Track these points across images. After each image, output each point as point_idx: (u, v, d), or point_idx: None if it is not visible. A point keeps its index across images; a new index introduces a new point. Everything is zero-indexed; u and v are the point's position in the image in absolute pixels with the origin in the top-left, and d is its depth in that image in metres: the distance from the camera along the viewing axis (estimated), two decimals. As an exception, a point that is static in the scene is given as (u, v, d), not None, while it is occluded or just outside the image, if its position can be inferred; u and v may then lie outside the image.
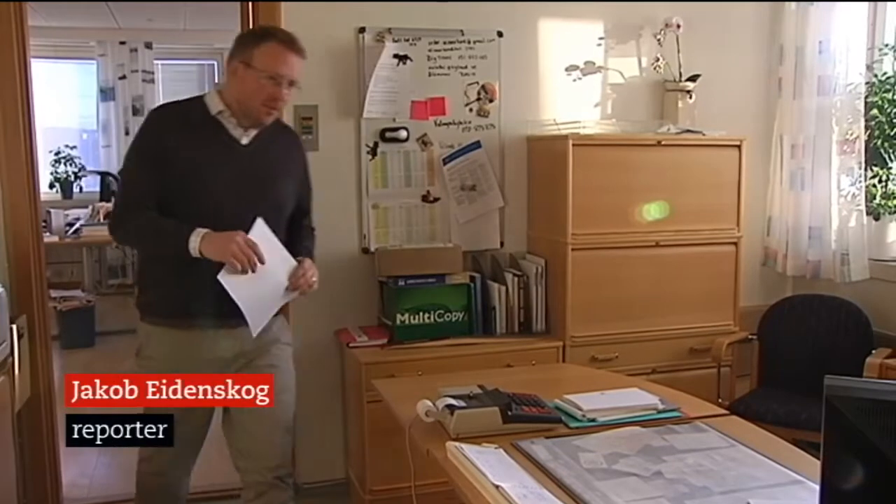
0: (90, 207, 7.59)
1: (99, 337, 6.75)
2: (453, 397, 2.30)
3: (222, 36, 8.25)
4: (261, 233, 2.50)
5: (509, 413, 2.25)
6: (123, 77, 9.09)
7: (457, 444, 2.10)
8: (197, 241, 2.43)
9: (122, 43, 9.04)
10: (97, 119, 9.22)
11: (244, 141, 2.62)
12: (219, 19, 6.47)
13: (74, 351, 6.39)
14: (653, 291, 3.94)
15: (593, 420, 2.32)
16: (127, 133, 9.09)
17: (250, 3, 3.82)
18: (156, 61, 9.25)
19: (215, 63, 9.71)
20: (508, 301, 3.89)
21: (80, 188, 9.08)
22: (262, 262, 2.45)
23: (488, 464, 1.98)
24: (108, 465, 4.37)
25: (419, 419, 2.28)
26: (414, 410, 2.29)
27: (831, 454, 0.90)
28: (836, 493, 0.93)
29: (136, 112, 9.11)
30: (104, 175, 8.79)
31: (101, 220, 7.45)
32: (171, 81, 9.63)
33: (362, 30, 3.81)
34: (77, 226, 7.06)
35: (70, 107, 9.39)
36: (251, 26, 3.84)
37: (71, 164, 8.98)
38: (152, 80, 9.20)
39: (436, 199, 4.02)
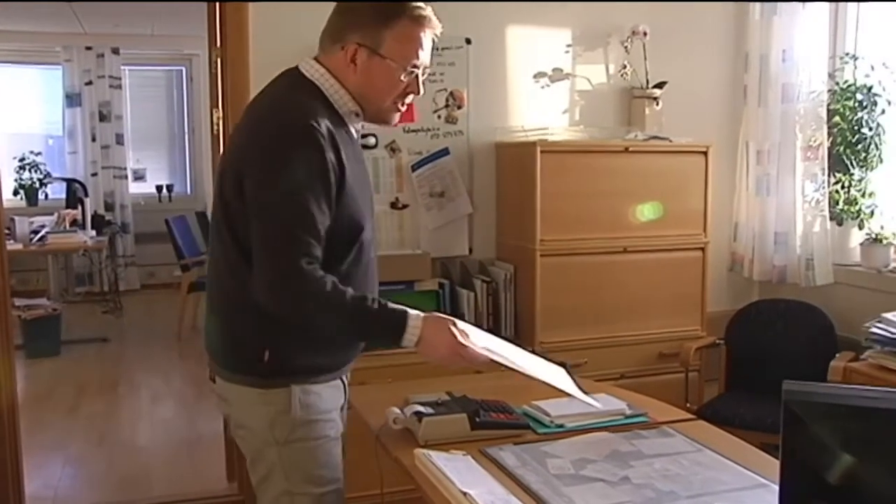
0: (56, 214, 7.50)
1: (65, 346, 6.66)
2: (421, 404, 2.29)
3: (191, 42, 8.23)
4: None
5: (477, 419, 2.25)
6: (90, 83, 9.00)
7: (425, 451, 2.10)
8: (413, 339, 1.95)
9: (89, 48, 8.94)
10: (63, 125, 9.12)
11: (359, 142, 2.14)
12: (187, 24, 6.44)
13: (39, 361, 6.31)
14: (621, 297, 3.97)
15: (561, 426, 2.32)
16: (94, 139, 9.01)
17: (217, 6, 3.80)
18: (123, 67, 9.17)
19: (184, 69, 9.66)
20: (477, 308, 3.90)
21: (46, 195, 8.99)
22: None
23: (456, 471, 1.98)
24: (73, 477, 4.32)
25: (388, 426, 2.27)
26: (383, 418, 2.28)
27: (790, 458, 0.91)
28: (795, 496, 0.94)
29: (102, 118, 9.03)
30: (70, 182, 8.71)
31: (67, 228, 7.38)
32: (139, 87, 9.58)
33: (331, 36, 3.80)
34: (42, 233, 6.97)
35: (35, 112, 9.30)
36: (218, 29, 3.81)
37: (36, 171, 8.89)
38: (119, 86, 9.12)
39: (404, 206, 4.02)
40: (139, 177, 9.62)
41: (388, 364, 3.56)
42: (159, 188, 9.58)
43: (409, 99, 2.06)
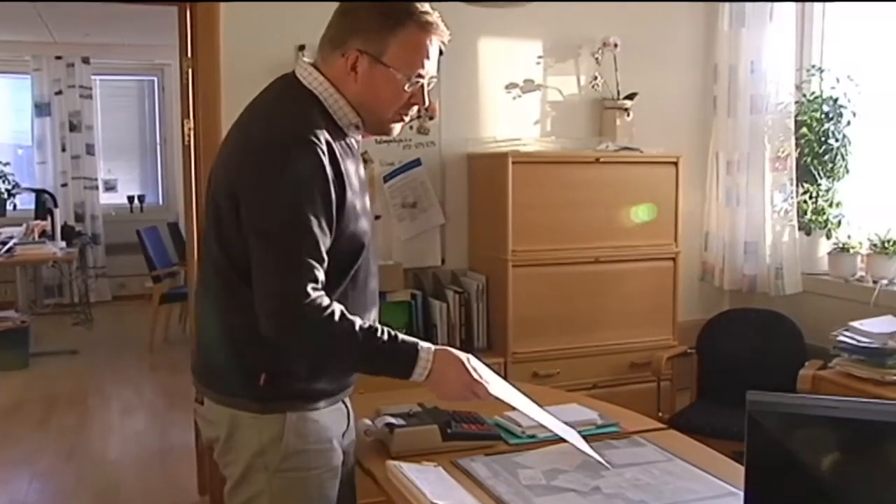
0: (24, 225, 7.42)
1: (34, 358, 6.58)
2: (393, 415, 2.29)
3: (163, 51, 8.17)
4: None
5: (449, 431, 2.24)
6: (60, 92, 8.92)
7: (396, 462, 2.09)
8: (423, 373, 1.85)
9: (59, 58, 8.86)
10: (32, 135, 9.03)
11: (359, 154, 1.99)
12: (159, 33, 6.39)
13: (7, 374, 6.22)
14: (593, 307, 3.98)
15: (533, 436, 2.32)
16: (64, 149, 8.93)
17: (188, 16, 3.78)
18: (93, 76, 9.11)
19: (156, 79, 9.61)
20: (450, 318, 3.90)
21: (14, 206, 8.88)
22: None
23: (427, 482, 1.97)
24: (40, 492, 4.27)
25: (360, 438, 2.26)
26: (356, 430, 2.27)
27: (754, 468, 0.92)
28: (759, 506, 0.94)
29: (73, 128, 8.95)
30: (39, 192, 8.62)
31: (36, 239, 7.29)
32: (111, 97, 9.52)
33: (302, 48, 3.80)
34: (10, 244, 6.88)
35: (3, 122, 9.21)
36: (189, 39, 3.79)
37: (4, 181, 8.78)
38: (90, 96, 9.06)
39: (377, 217, 4.00)
40: (110, 187, 9.55)
41: (359, 375, 3.56)
42: (131, 199, 9.50)
43: (413, 111, 1.92)
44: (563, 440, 2.12)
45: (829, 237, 4.17)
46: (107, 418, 5.55)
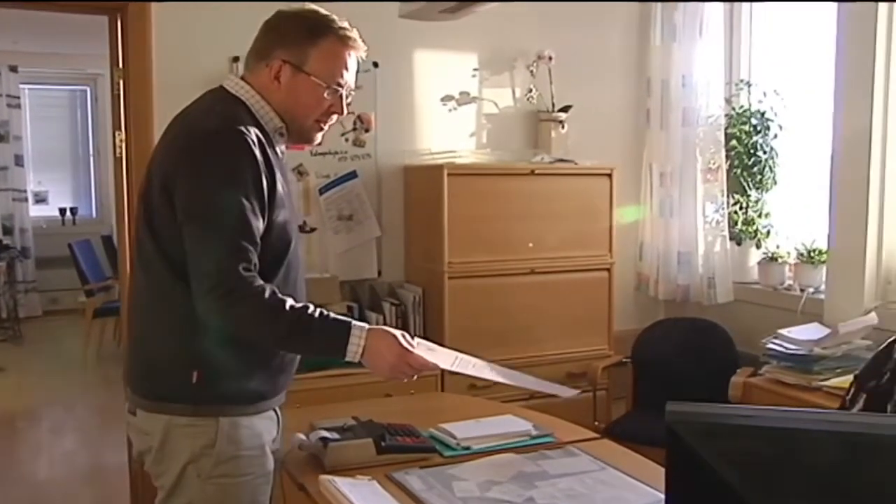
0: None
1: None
2: (327, 429, 2.27)
3: (95, 61, 8.00)
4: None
5: (383, 444, 2.24)
6: (-15, 101, 8.70)
7: (330, 477, 2.07)
8: (357, 350, 1.88)
9: (-16, 66, 8.65)
10: (-43, 145, 8.78)
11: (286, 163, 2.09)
12: (91, 43, 6.26)
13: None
14: (529, 318, 4.01)
15: (467, 448, 2.32)
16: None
17: (118, 25, 3.72)
18: (21, 86, 8.88)
19: (88, 89, 9.42)
20: (387, 330, 3.88)
21: (-60, 217, 8.63)
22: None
23: (361, 496, 1.96)
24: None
25: (294, 453, 2.24)
26: (288, 444, 2.25)
27: (675, 479, 0.93)
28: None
29: (0, 138, 8.72)
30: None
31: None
32: (40, 107, 9.31)
33: (236, 59, 3.76)
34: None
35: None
36: (120, 49, 3.73)
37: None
38: (18, 105, 8.83)
39: (312, 230, 3.99)
40: (41, 199, 9.32)
41: (294, 389, 3.52)
42: (63, 211, 9.30)
43: (332, 119, 2.04)
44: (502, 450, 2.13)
45: (758, 247, 4.26)
46: (36, 438, 5.40)
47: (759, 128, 4.18)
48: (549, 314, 4.05)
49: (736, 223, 4.27)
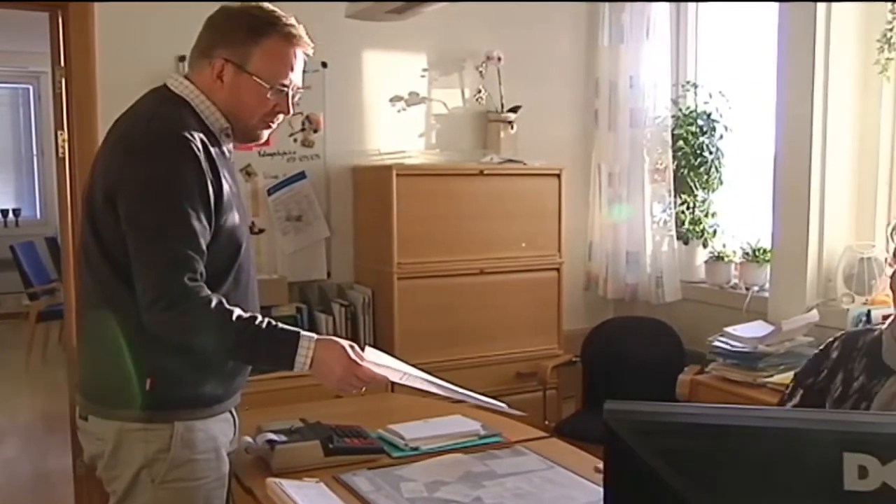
0: None
1: None
2: (274, 432, 2.25)
3: (38, 59, 7.84)
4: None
5: (331, 446, 2.23)
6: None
7: (276, 480, 2.05)
8: (305, 361, 1.87)
9: (-79, 64, 8.43)
10: None
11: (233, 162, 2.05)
12: (33, 40, 6.13)
13: None
14: (479, 318, 4.01)
15: (416, 449, 2.32)
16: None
17: (59, 22, 3.65)
18: (-40, 85, 8.71)
19: (31, 88, 9.22)
20: (336, 331, 3.87)
21: None
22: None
23: (308, 499, 1.94)
24: None
25: (240, 456, 2.21)
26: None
27: (613, 478, 0.94)
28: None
29: (-62, 139, 8.52)
30: None
31: None
32: (-19, 106, 9.11)
33: (182, 58, 3.71)
34: None
35: None
36: (62, 48, 3.66)
37: None
38: (-43, 105, 8.64)
39: (261, 231, 3.96)
40: (-18, 201, 9.13)
41: (242, 392, 3.48)
42: (4, 213, 9.11)
43: (279, 118, 2.00)
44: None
45: (705, 246, 4.32)
46: (-24, 445, 5.28)
47: (705, 129, 4.23)
48: (498, 314, 4.06)
49: (683, 223, 4.32)
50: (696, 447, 0.92)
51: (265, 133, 2.02)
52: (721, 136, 4.21)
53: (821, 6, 3.38)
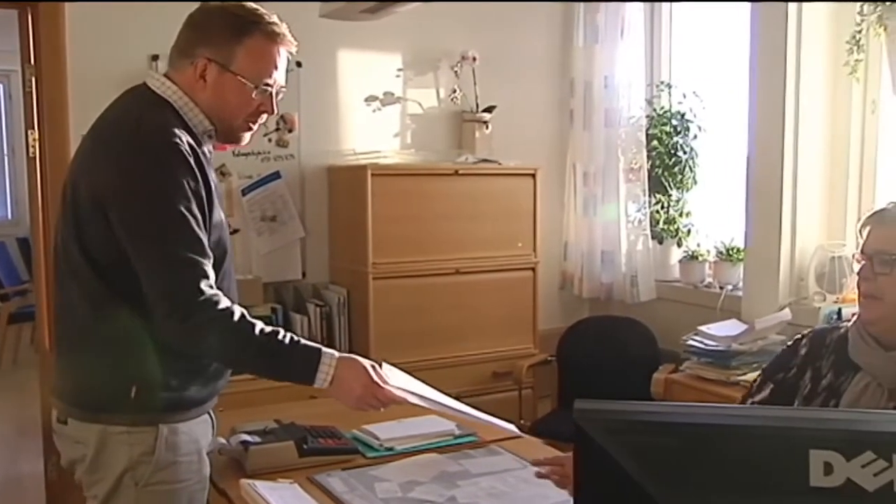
0: None
1: None
2: (248, 433, 2.25)
3: (8, 57, 7.76)
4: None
5: (305, 447, 2.22)
6: None
7: (250, 481, 2.05)
8: (326, 378, 1.83)
9: None
10: None
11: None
12: (2, 38, 6.06)
13: None
14: (455, 318, 4.02)
15: (390, 449, 2.32)
16: None
17: (28, 19, 3.62)
18: (-72, 82, 8.58)
19: (1, 86, 9.11)
20: (311, 332, 3.86)
21: None
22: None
23: (282, 500, 1.94)
24: None
25: (214, 457, 2.20)
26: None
27: (583, 477, 0.94)
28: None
29: None
30: None
31: None
32: (-54, 106, 8.98)
33: (155, 57, 3.69)
34: None
35: None
36: (32, 45, 3.62)
37: None
38: (-78, 106, 8.52)
39: (235, 231, 3.92)
40: (-49, 201, 9.02)
41: (226, 382, 3.47)
42: (-26, 213, 9.00)
43: (262, 118, 1.96)
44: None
45: (679, 245, 4.34)
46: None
47: (679, 129, 4.25)
48: (474, 314, 4.07)
49: (658, 222, 4.34)
50: (666, 446, 0.92)
51: (247, 135, 1.98)
52: (695, 136, 4.24)
53: (792, 7, 3.41)
